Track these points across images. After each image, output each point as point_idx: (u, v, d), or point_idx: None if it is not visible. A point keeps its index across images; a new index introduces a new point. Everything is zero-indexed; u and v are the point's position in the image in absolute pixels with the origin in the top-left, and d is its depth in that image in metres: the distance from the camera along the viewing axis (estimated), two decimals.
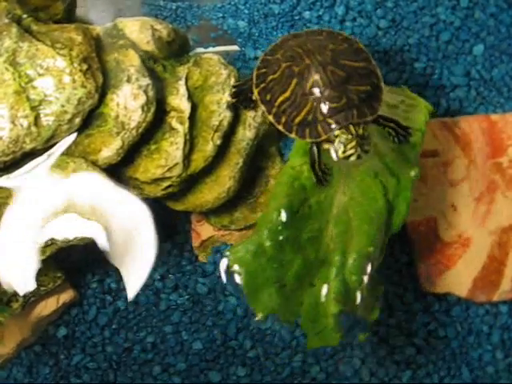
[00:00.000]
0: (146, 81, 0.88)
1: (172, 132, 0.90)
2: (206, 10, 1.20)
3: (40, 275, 0.94)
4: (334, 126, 0.82)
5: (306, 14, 1.19)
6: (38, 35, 0.86)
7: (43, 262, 0.88)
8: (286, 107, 0.86)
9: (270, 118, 0.87)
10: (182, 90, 0.92)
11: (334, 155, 0.83)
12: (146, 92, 0.87)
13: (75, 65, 0.83)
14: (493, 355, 1.06)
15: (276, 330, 1.03)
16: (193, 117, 0.92)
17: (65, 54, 0.83)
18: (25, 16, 0.87)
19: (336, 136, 0.81)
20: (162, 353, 1.03)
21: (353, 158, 0.81)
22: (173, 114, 0.91)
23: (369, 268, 0.87)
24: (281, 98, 0.86)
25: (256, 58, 1.17)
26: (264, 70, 0.89)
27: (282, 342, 1.03)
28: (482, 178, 1.06)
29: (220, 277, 1.04)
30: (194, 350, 1.03)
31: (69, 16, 0.94)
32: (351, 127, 0.81)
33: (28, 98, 0.82)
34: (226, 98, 0.93)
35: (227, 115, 0.92)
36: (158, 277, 1.05)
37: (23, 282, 0.86)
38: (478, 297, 1.04)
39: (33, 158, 0.85)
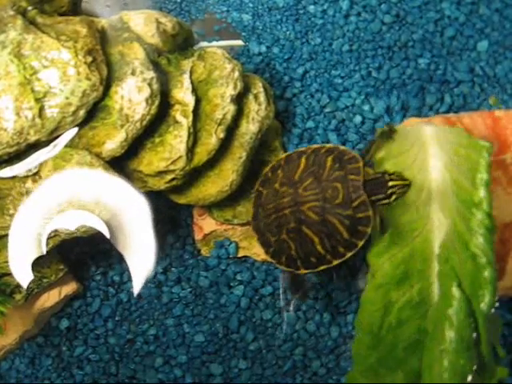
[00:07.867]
0: (150, 74, 0.88)
1: (176, 125, 0.90)
2: (210, 4, 1.20)
3: (43, 267, 0.95)
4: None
5: (311, 8, 1.19)
6: (43, 27, 0.86)
7: (46, 253, 0.88)
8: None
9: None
10: (187, 83, 0.92)
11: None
12: (150, 85, 0.87)
13: (80, 57, 0.83)
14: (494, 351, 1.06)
15: (277, 323, 1.04)
16: (197, 110, 0.92)
17: (70, 47, 0.83)
18: (30, 8, 0.87)
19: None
20: (164, 345, 1.04)
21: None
22: (177, 107, 0.91)
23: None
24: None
25: (260, 54, 1.17)
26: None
27: (284, 335, 1.03)
28: None
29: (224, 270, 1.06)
30: (196, 342, 1.03)
31: (74, 9, 0.95)
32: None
33: (32, 90, 0.82)
34: (230, 91, 0.93)
35: (231, 109, 0.92)
36: (161, 270, 1.06)
37: (24, 272, 0.86)
38: None
39: (37, 150, 0.86)
